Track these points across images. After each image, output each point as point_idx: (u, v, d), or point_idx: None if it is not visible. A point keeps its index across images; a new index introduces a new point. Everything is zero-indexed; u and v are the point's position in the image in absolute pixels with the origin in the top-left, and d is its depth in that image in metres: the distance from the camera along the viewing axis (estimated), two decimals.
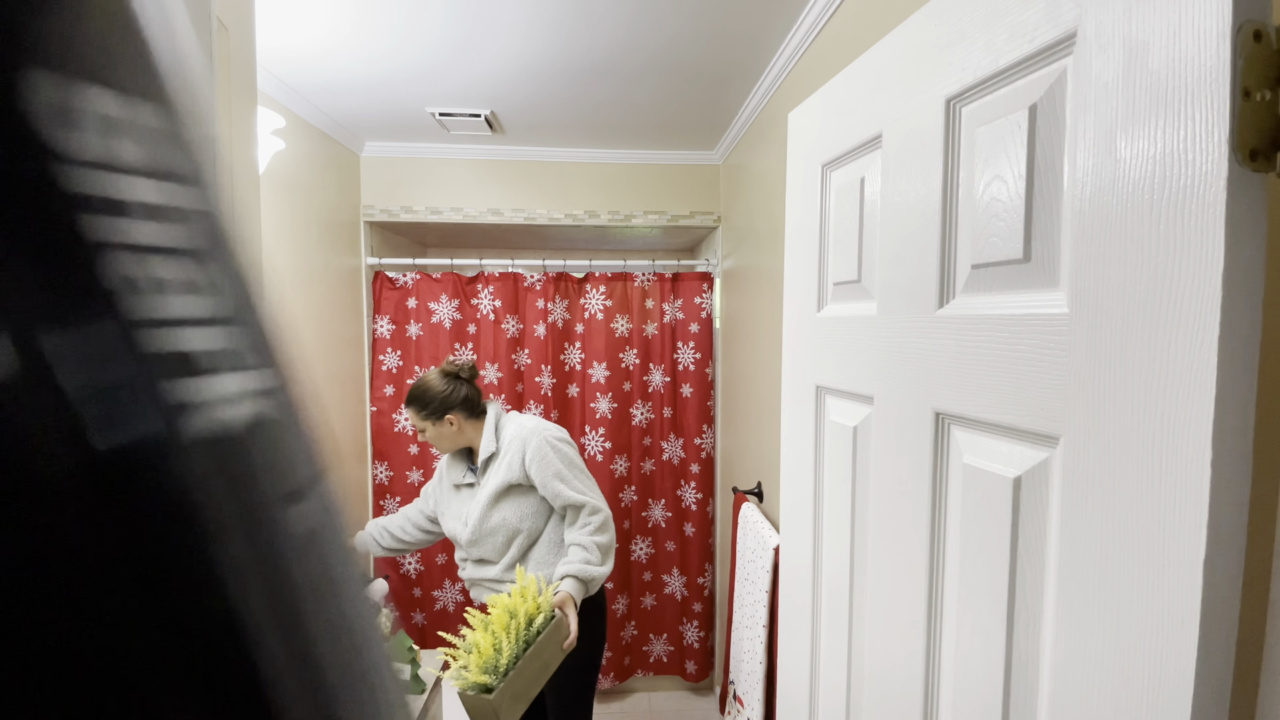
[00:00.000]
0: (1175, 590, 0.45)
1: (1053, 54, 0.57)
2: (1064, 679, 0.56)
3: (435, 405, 1.70)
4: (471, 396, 1.75)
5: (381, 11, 1.51)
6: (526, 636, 1.38)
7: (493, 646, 1.33)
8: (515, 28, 1.59)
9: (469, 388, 1.76)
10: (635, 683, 2.92)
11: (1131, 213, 0.49)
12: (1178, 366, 0.45)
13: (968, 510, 0.69)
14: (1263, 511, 0.50)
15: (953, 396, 0.70)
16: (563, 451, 1.68)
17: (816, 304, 1.03)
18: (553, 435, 1.70)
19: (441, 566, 2.67)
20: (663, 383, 2.72)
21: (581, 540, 1.63)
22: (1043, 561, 0.59)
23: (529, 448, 1.66)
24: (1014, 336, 0.61)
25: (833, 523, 0.99)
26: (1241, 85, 0.42)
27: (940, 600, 0.74)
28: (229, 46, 0.80)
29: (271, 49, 1.69)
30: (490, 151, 2.58)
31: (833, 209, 0.98)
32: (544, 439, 1.67)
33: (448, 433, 1.73)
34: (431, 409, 1.70)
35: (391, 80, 1.91)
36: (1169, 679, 0.46)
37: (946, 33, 0.70)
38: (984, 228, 0.66)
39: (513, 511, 1.68)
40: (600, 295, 2.67)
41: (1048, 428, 0.57)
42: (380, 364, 2.60)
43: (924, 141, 0.74)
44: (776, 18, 1.55)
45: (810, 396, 1.05)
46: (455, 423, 1.72)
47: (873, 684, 0.88)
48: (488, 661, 1.32)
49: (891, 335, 0.81)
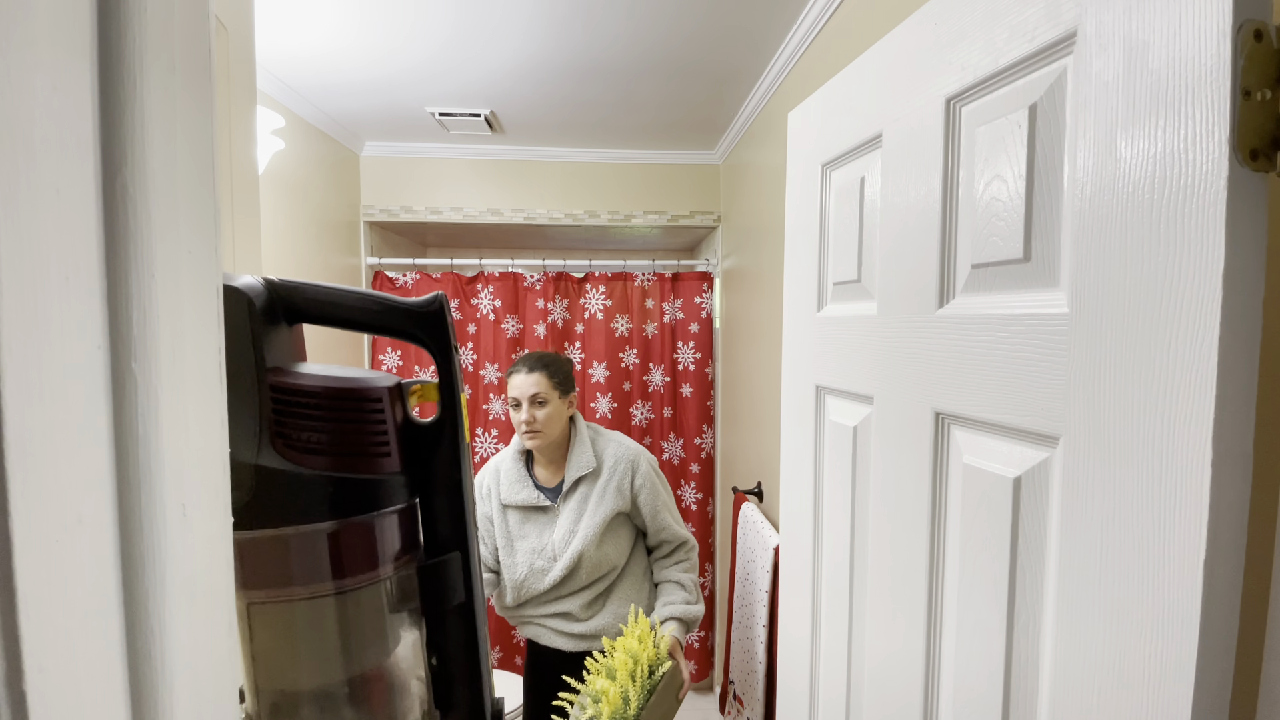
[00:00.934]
0: (1175, 590, 0.45)
1: (1053, 53, 0.57)
2: (1064, 679, 0.56)
3: (567, 376, 1.50)
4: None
5: (383, 12, 1.51)
6: (650, 684, 1.26)
7: (620, 696, 1.22)
8: (515, 28, 1.59)
9: None
10: None
11: (1132, 212, 0.49)
12: (1178, 366, 0.45)
13: (968, 510, 0.69)
14: (1263, 511, 0.50)
15: (953, 396, 0.70)
16: (664, 479, 1.55)
17: (816, 304, 1.03)
18: (654, 460, 1.55)
19: None
20: (663, 383, 2.72)
21: (679, 578, 1.49)
22: (1043, 561, 0.59)
23: (639, 472, 1.49)
24: (1014, 336, 0.61)
25: (833, 523, 0.99)
26: (1242, 85, 0.42)
27: (940, 600, 0.74)
28: (229, 46, 0.80)
29: (273, 50, 1.69)
30: (490, 151, 2.58)
31: (833, 209, 0.98)
32: (651, 464, 1.52)
33: (563, 415, 1.50)
34: (564, 378, 1.50)
35: (392, 80, 1.91)
36: (1169, 679, 0.46)
37: (946, 32, 0.70)
38: (984, 227, 0.66)
39: (615, 546, 1.49)
40: (600, 295, 2.68)
41: (1048, 427, 0.57)
42: (380, 364, 2.60)
43: (924, 141, 0.74)
44: (776, 17, 1.55)
45: (810, 396, 1.05)
46: (573, 406, 1.53)
47: (873, 684, 0.88)
48: (616, 712, 1.20)
49: (891, 335, 0.81)
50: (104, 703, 0.24)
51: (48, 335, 0.22)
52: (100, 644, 0.24)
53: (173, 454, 0.27)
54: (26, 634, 0.20)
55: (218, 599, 0.31)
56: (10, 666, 0.20)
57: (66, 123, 0.23)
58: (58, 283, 0.22)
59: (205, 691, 0.29)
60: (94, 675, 0.24)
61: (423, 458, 0.55)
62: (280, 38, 1.63)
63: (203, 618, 0.29)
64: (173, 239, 0.28)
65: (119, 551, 0.25)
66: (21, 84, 0.21)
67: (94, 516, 0.24)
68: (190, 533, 0.28)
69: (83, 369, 0.24)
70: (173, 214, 0.28)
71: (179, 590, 0.27)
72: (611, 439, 1.55)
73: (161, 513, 0.27)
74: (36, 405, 0.21)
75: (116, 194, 0.26)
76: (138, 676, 0.26)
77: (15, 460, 0.20)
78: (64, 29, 0.23)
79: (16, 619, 0.20)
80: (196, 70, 0.30)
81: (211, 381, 0.30)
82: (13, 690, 0.20)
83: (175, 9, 0.28)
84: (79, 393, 0.23)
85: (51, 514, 0.22)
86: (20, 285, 0.21)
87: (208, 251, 0.30)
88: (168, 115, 0.28)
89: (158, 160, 0.27)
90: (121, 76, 0.26)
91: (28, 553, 0.21)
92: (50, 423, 0.22)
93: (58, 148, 0.23)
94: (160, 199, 0.27)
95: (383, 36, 1.63)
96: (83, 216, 0.24)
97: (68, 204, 0.23)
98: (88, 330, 0.24)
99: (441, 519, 0.56)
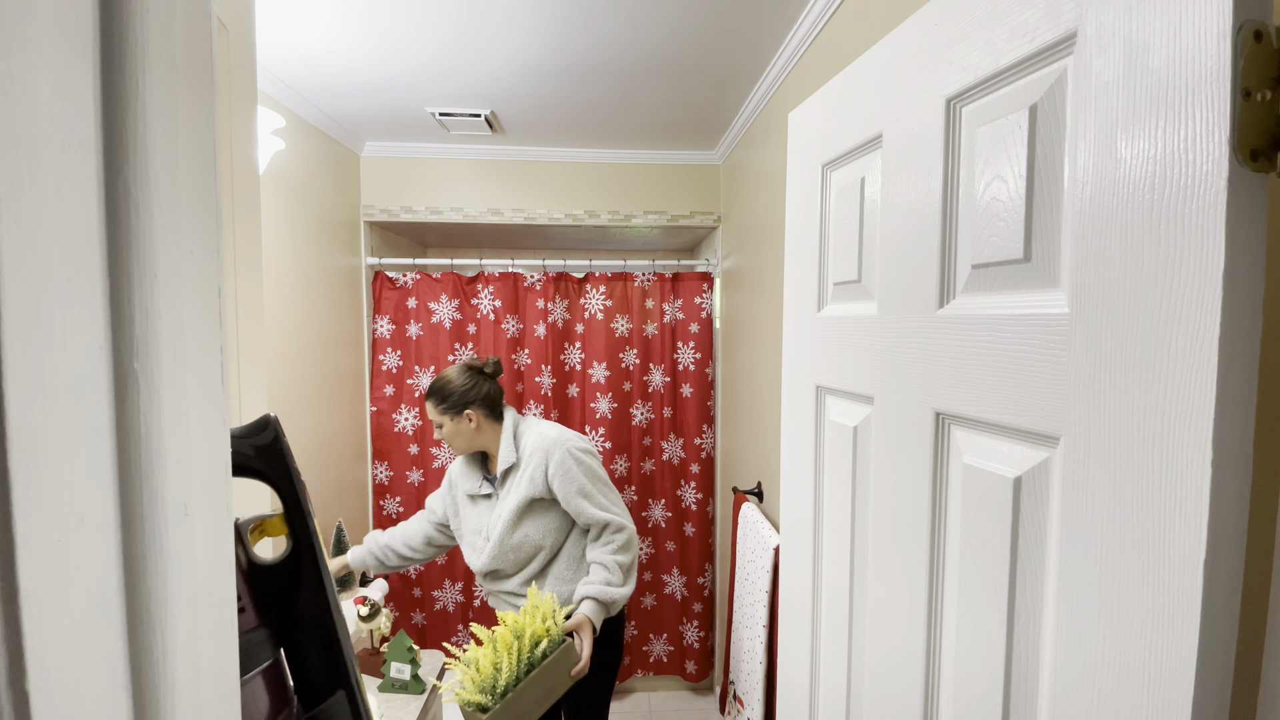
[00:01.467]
0: (1175, 590, 0.45)
1: (1053, 54, 0.57)
2: (1064, 679, 0.56)
3: (455, 399, 1.59)
4: (494, 394, 1.65)
5: (384, 13, 1.51)
6: (530, 659, 1.32)
7: (493, 665, 1.28)
8: (516, 28, 1.59)
9: (491, 384, 1.66)
10: (635, 682, 2.92)
11: (1132, 213, 0.49)
12: (1178, 366, 0.45)
13: (968, 510, 0.69)
14: (1263, 511, 0.51)
15: (953, 396, 0.70)
16: (586, 464, 1.58)
17: (816, 304, 1.03)
18: (575, 446, 1.59)
19: (441, 567, 2.67)
20: (663, 383, 2.72)
21: (603, 559, 1.54)
22: (1043, 561, 0.59)
23: (552, 460, 1.56)
24: (1014, 336, 0.61)
25: (833, 523, 0.99)
26: (1242, 85, 0.42)
27: (940, 600, 0.74)
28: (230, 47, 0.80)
29: (274, 50, 1.70)
30: (490, 151, 2.58)
31: (833, 209, 0.98)
32: (567, 451, 1.57)
33: (465, 430, 1.62)
34: (450, 403, 1.60)
35: (392, 80, 1.91)
36: (1169, 679, 0.46)
37: (946, 33, 0.70)
38: (984, 228, 0.66)
39: (536, 528, 1.59)
40: (600, 295, 2.68)
41: (1048, 428, 0.57)
42: (380, 364, 2.60)
43: (924, 141, 0.74)
44: (777, 18, 1.55)
45: (810, 396, 1.05)
46: (474, 420, 1.62)
47: (873, 684, 0.88)
48: (485, 680, 1.27)
49: (892, 335, 0.81)
50: (106, 701, 0.24)
51: (50, 335, 0.22)
52: (102, 643, 0.24)
53: (175, 454, 0.27)
54: (29, 632, 0.20)
55: (219, 598, 0.31)
56: (13, 665, 0.20)
57: (68, 123, 0.23)
58: (60, 283, 0.22)
59: (206, 690, 0.29)
60: (96, 674, 0.24)
61: (282, 600, 0.49)
62: (281, 38, 1.63)
63: (204, 617, 0.29)
64: (174, 239, 0.28)
65: (121, 551, 0.25)
66: (24, 84, 0.21)
67: (96, 516, 0.24)
68: (192, 533, 0.28)
69: (85, 369, 0.24)
70: (174, 214, 0.28)
71: (181, 590, 0.27)
72: (532, 429, 1.63)
73: (163, 512, 0.27)
74: (39, 405, 0.21)
75: (118, 194, 0.26)
76: (139, 675, 0.26)
77: (18, 460, 0.20)
78: (66, 30, 0.23)
79: (19, 617, 0.20)
80: (198, 71, 0.30)
81: (213, 381, 0.31)
82: (16, 689, 0.20)
83: (177, 10, 0.28)
84: (81, 392, 0.23)
85: (54, 513, 0.22)
86: (23, 285, 0.21)
87: (209, 251, 0.30)
88: (169, 115, 0.28)
89: (159, 160, 0.27)
90: (123, 77, 0.26)
91: (30, 552, 0.21)
92: (53, 422, 0.22)
93: (60, 148, 0.23)
94: (162, 199, 0.27)
95: (383, 37, 1.63)
96: (85, 217, 0.24)
97: (70, 204, 0.23)
98: (90, 330, 0.24)
99: (315, 662, 0.50)
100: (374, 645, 1.67)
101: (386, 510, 2.63)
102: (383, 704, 1.50)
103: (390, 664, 1.55)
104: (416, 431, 2.63)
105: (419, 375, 2.62)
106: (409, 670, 1.55)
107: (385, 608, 1.83)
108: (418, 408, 2.62)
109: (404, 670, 1.55)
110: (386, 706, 1.49)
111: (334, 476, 2.32)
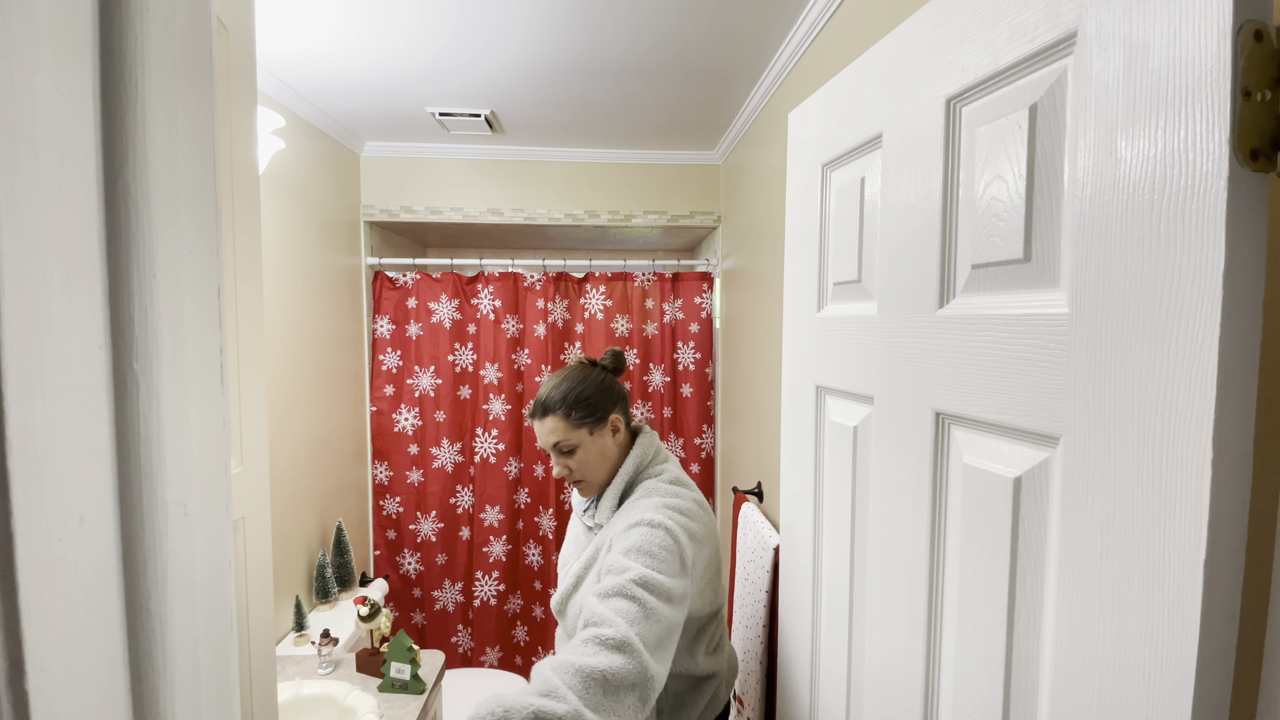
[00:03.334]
0: (1175, 590, 0.45)
1: (1053, 54, 0.57)
2: (1064, 679, 0.56)
3: (597, 401, 1.10)
4: (627, 397, 1.18)
5: (384, 13, 1.51)
6: None
7: None
8: (516, 28, 1.59)
9: (619, 384, 1.18)
10: None
11: (1132, 213, 0.49)
12: (1178, 366, 0.45)
13: (968, 510, 0.69)
14: (1263, 511, 0.50)
15: (953, 396, 0.70)
16: (669, 529, 0.99)
17: (816, 304, 1.03)
18: (673, 503, 1.05)
19: (442, 567, 2.67)
20: (663, 383, 2.72)
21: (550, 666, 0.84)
22: (1043, 561, 0.59)
23: (640, 508, 1.05)
24: (1014, 336, 0.61)
25: (833, 523, 0.99)
26: (1242, 85, 0.42)
27: (940, 600, 0.74)
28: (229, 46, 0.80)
29: (274, 50, 1.70)
30: (490, 151, 2.58)
31: (833, 209, 0.98)
32: (662, 504, 1.04)
33: (607, 447, 1.12)
34: (587, 408, 1.09)
35: (392, 80, 1.91)
36: (1169, 679, 0.46)
37: (946, 33, 0.70)
38: (984, 227, 0.66)
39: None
40: (600, 295, 2.68)
41: (1048, 428, 0.57)
42: (380, 364, 2.60)
43: (924, 141, 0.74)
44: (776, 18, 1.55)
45: (810, 396, 1.05)
46: (619, 429, 1.14)
47: (873, 684, 0.88)
48: None
49: (892, 335, 0.81)
50: (105, 701, 0.24)
51: (49, 334, 0.22)
52: (101, 643, 0.24)
53: (174, 454, 0.27)
54: (29, 633, 0.20)
55: (219, 598, 0.31)
56: (12, 665, 0.20)
57: (68, 123, 0.23)
58: (59, 282, 0.22)
59: (206, 690, 0.29)
60: (95, 674, 0.24)
61: None
62: (281, 38, 1.63)
63: (204, 617, 0.29)
64: (174, 238, 0.28)
65: (120, 551, 0.25)
66: (24, 84, 0.21)
67: (95, 516, 0.24)
68: (191, 532, 0.28)
69: (84, 368, 0.24)
70: (174, 214, 0.28)
71: (180, 590, 0.27)
72: (668, 465, 1.15)
73: (163, 512, 0.27)
74: (38, 404, 0.21)
75: (118, 194, 0.26)
76: (139, 675, 0.26)
77: (17, 459, 0.20)
78: (66, 29, 0.23)
79: (19, 617, 0.20)
80: (198, 70, 0.30)
81: (213, 381, 0.30)
82: (15, 689, 0.20)
83: (177, 9, 0.28)
84: (81, 392, 0.23)
85: (53, 513, 0.22)
86: (22, 284, 0.21)
87: (209, 251, 0.30)
88: (169, 115, 0.28)
89: (159, 160, 0.27)
90: (123, 76, 0.26)
91: (30, 552, 0.21)
92: (52, 422, 0.22)
93: (59, 147, 0.23)
94: (161, 199, 0.27)
95: (383, 37, 1.63)
96: (84, 216, 0.24)
97: (69, 203, 0.23)
98: (89, 329, 0.24)
99: None
100: (374, 645, 1.67)
101: (386, 510, 2.63)
102: (383, 704, 1.50)
103: (390, 664, 1.55)
104: (416, 431, 2.63)
105: (419, 375, 2.62)
106: (409, 670, 1.55)
107: (385, 608, 1.83)
108: (417, 408, 2.62)
109: (404, 670, 1.55)
110: (386, 706, 1.49)
111: (334, 476, 2.32)
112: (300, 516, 2.08)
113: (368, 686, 1.58)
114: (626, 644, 0.84)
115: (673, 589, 0.93)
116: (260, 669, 0.75)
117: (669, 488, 1.09)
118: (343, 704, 1.46)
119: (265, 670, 0.76)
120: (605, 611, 0.88)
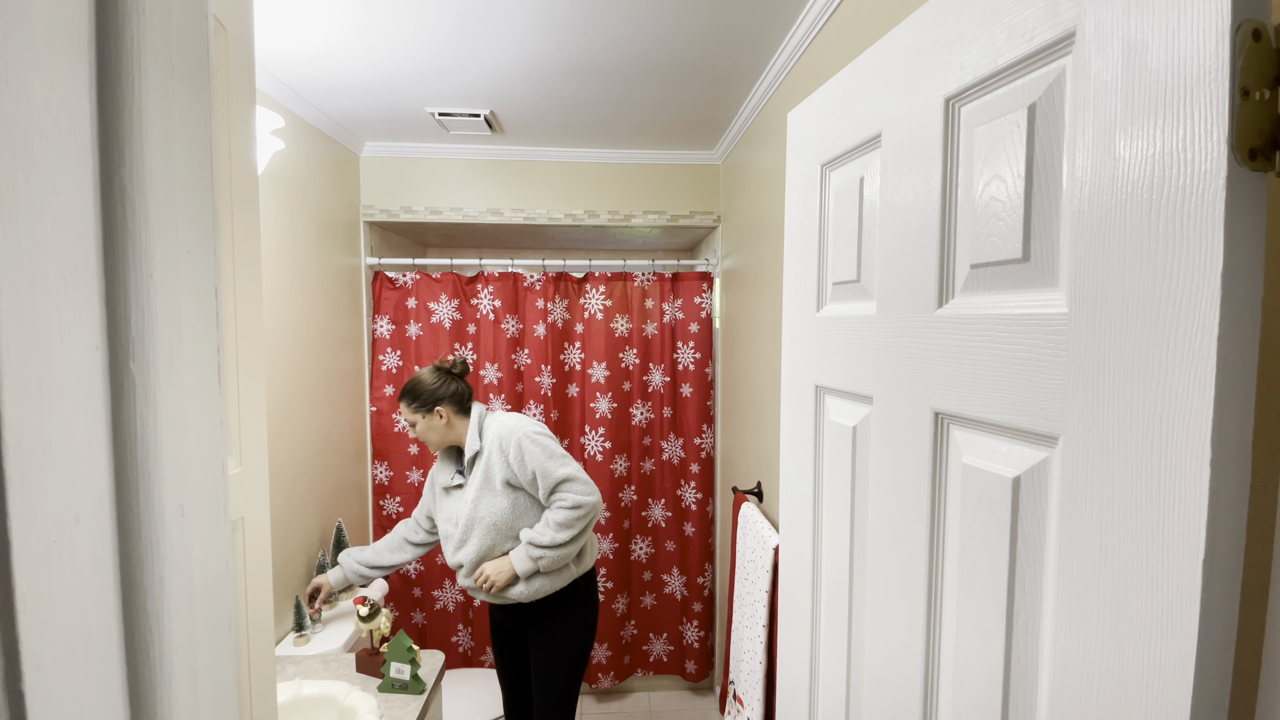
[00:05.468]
0: (1175, 590, 0.45)
1: (1052, 53, 0.57)
2: (1063, 679, 0.56)
3: (425, 397, 1.76)
4: (461, 392, 1.80)
5: (383, 13, 1.51)
6: None
7: None
8: (516, 28, 1.59)
9: (459, 383, 1.82)
10: (635, 682, 2.92)
11: (1131, 212, 0.49)
12: (1177, 366, 0.45)
13: (967, 510, 0.69)
14: (1263, 511, 0.50)
15: (952, 396, 0.70)
16: (542, 443, 1.74)
17: (816, 304, 1.03)
18: (531, 430, 1.76)
19: (441, 566, 2.67)
20: (663, 382, 2.72)
21: (546, 515, 1.70)
22: (1042, 561, 0.59)
23: (510, 445, 1.72)
24: (1013, 336, 0.61)
25: (832, 523, 0.99)
26: (1240, 84, 0.42)
27: (940, 600, 0.74)
28: (228, 47, 0.80)
29: (273, 50, 1.70)
30: (490, 151, 2.58)
31: (832, 209, 0.98)
32: (524, 434, 1.73)
33: (437, 426, 1.78)
34: (421, 401, 1.76)
35: (392, 80, 1.91)
36: (1168, 678, 0.46)
37: (945, 32, 0.70)
38: (983, 227, 0.66)
39: (497, 505, 1.72)
40: (600, 295, 2.68)
41: (1047, 427, 0.57)
42: (380, 364, 2.60)
43: (923, 141, 0.74)
44: (776, 17, 1.55)
45: (810, 396, 1.05)
46: (444, 416, 1.77)
47: (873, 684, 0.88)
48: None
49: (891, 335, 0.81)
50: (102, 702, 0.24)
51: (46, 335, 0.22)
52: (99, 643, 0.24)
53: (171, 454, 0.27)
54: (25, 633, 0.20)
55: (217, 599, 0.31)
56: (9, 665, 0.20)
57: (64, 123, 0.23)
58: (56, 283, 0.22)
59: (204, 690, 0.29)
60: (92, 674, 0.24)
61: None
62: (280, 38, 1.63)
63: (202, 617, 0.29)
64: (171, 239, 0.28)
65: (117, 551, 0.25)
66: (19, 85, 0.21)
67: (92, 516, 0.24)
68: (189, 533, 0.28)
69: (81, 369, 0.24)
70: (171, 214, 0.28)
71: (177, 590, 0.27)
72: (495, 420, 1.79)
73: (160, 513, 0.27)
74: (35, 405, 0.21)
75: (115, 194, 0.26)
76: (136, 676, 0.26)
77: (13, 460, 0.20)
78: (62, 30, 0.23)
79: (15, 618, 0.20)
80: (195, 71, 0.30)
81: (210, 382, 0.30)
82: (11, 690, 0.20)
83: (173, 10, 0.28)
84: (77, 393, 0.23)
85: (50, 513, 0.22)
86: (18, 285, 0.21)
87: (206, 252, 0.30)
88: (166, 116, 0.28)
89: (156, 161, 0.27)
90: (119, 77, 0.26)
91: (26, 552, 0.21)
92: (48, 422, 0.22)
93: (56, 148, 0.23)
94: (158, 199, 0.27)
95: (383, 37, 1.63)
96: (81, 217, 0.24)
97: (66, 204, 0.23)
98: (86, 330, 0.24)
99: None
100: (374, 645, 1.67)
101: (386, 510, 2.63)
102: (383, 704, 1.50)
103: (390, 664, 1.55)
104: (407, 428, 2.63)
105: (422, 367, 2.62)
106: (409, 670, 1.55)
107: (385, 608, 1.83)
108: None
109: (404, 670, 1.55)
110: (386, 707, 1.49)
111: (334, 476, 2.32)
112: (300, 516, 2.08)
113: (368, 686, 1.58)
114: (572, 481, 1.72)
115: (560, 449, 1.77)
116: (259, 669, 0.75)
117: (504, 417, 1.79)
118: (343, 704, 1.46)
119: (264, 670, 0.76)
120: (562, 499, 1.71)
